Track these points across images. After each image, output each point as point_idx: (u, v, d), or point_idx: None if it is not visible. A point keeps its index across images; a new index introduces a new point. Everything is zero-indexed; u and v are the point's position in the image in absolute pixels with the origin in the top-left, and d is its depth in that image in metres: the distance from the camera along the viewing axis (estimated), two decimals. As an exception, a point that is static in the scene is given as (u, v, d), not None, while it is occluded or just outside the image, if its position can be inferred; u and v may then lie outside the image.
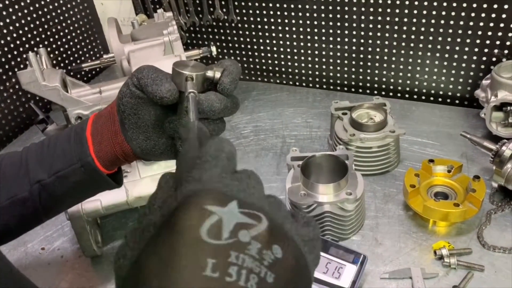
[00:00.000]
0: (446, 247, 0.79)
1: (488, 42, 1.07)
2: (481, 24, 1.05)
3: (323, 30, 1.22)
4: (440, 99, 1.19)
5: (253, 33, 1.31)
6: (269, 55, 1.33)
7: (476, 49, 1.09)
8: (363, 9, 1.14)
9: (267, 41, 1.30)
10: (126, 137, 0.56)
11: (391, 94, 1.24)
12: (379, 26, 1.15)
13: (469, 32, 1.07)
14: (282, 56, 1.31)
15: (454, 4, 1.05)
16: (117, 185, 0.61)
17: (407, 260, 0.80)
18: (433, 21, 1.09)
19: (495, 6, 1.02)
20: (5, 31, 1.19)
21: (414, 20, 1.11)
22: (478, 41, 1.08)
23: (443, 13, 1.08)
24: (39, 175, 0.57)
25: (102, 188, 0.61)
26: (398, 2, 1.10)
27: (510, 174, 0.84)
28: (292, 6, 1.22)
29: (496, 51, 1.07)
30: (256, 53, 1.35)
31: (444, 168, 0.88)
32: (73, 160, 0.56)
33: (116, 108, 0.56)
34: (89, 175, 0.57)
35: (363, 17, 1.16)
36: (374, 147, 0.94)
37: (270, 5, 1.24)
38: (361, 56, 1.22)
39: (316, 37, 1.24)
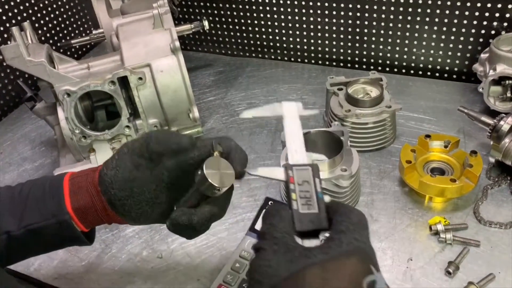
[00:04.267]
0: (441, 222, 0.78)
1: (487, 14, 1.04)
2: (480, -5, 1.02)
3: (318, 3, 1.18)
4: (437, 74, 1.17)
5: (247, 7, 1.27)
6: (263, 29, 1.30)
7: (475, 22, 1.06)
8: (359, -19, 1.11)
9: (261, 15, 1.27)
10: (118, 213, 0.55)
11: (387, 69, 1.21)
12: (375, -2, 1.12)
13: (468, 4, 1.04)
14: (276, 30, 1.28)
15: (453, -25, 1.03)
16: (89, 242, 0.60)
17: (402, 236, 0.79)
18: (431, -7, 1.07)
19: (495, -24, 0.99)
20: (-10, 6, 1.15)
21: (412, -8, 1.08)
22: (476, 14, 1.05)
23: (442, -16, 1.05)
24: (8, 226, 0.55)
25: (72, 244, 0.61)
26: (395, -26, 1.07)
27: (507, 149, 0.83)
28: (287, -22, 1.18)
29: (495, 23, 1.04)
30: (250, 28, 1.31)
31: (441, 144, 0.87)
32: (48, 215, 0.55)
33: (101, 192, 0.55)
34: (64, 231, 0.56)
35: (359, -10, 1.12)
36: (370, 123, 0.92)
37: (264, -23, 1.20)
38: (357, 30, 1.19)
39: (311, 11, 1.21)
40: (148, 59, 0.82)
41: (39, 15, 1.29)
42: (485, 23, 1.05)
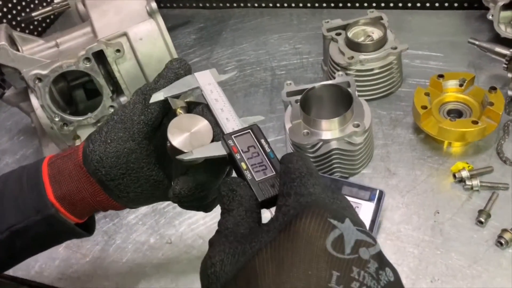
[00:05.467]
0: (465, 168, 0.73)
1: None
2: None
3: None
4: (437, 4, 1.08)
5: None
6: (242, -24, 1.18)
7: None
8: None
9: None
10: (112, 196, 0.48)
11: (382, 5, 1.11)
12: None
13: None
14: (257, -25, 1.16)
15: None
16: (88, 233, 0.53)
17: (425, 188, 0.74)
18: None
19: None
20: None
21: None
22: None
23: None
24: None
25: (69, 238, 0.54)
26: None
27: (528, 80, 0.77)
28: None
29: None
30: (227, -24, 1.19)
31: (456, 83, 0.80)
32: (30, 211, 0.47)
33: (88, 172, 0.47)
34: (54, 227, 0.48)
35: None
36: (375, 69, 0.85)
37: None
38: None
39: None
40: (123, 27, 0.72)
41: (-9, -12, 1.15)
42: None
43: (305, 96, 0.76)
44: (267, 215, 0.38)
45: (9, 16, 1.19)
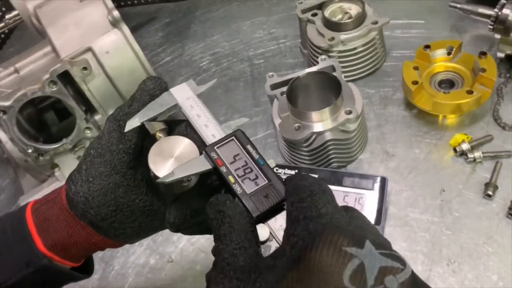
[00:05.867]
0: (465, 140, 0.71)
1: None
2: None
3: None
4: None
5: None
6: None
7: None
8: None
9: None
10: (108, 235, 0.44)
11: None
12: None
13: None
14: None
15: None
16: (87, 275, 0.49)
17: (427, 167, 0.71)
18: None
19: None
20: None
21: None
22: None
23: None
24: None
25: (67, 283, 0.49)
26: None
27: (518, 40, 0.74)
28: None
29: None
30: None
31: (443, 52, 0.77)
32: (20, 265, 0.43)
33: (76, 216, 0.43)
34: (48, 276, 0.45)
35: None
36: (358, 47, 0.80)
37: None
38: None
39: None
40: (86, 41, 0.66)
41: None
42: None
43: (290, 88, 0.71)
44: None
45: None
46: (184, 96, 0.43)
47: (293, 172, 0.71)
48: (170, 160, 0.39)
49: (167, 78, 0.98)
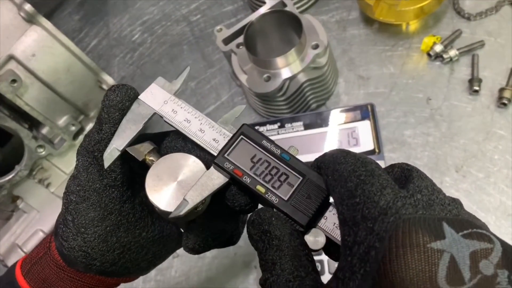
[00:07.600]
0: (436, 42, 0.68)
1: None
2: None
3: None
4: None
5: None
6: None
7: None
8: None
9: None
10: (122, 275, 0.39)
11: None
12: None
13: None
14: None
15: None
16: None
17: (405, 80, 0.69)
18: None
19: None
20: None
21: None
22: None
23: None
24: None
25: None
26: None
27: None
28: None
29: None
30: None
31: (389, -45, 0.72)
32: None
33: (80, 270, 0.37)
34: None
35: None
36: (301, -26, 0.74)
37: None
38: None
39: None
40: (3, 49, 0.55)
41: None
42: None
43: (246, 37, 0.65)
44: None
45: None
46: (159, 100, 0.34)
47: (276, 126, 0.66)
48: (173, 186, 0.32)
49: (102, 63, 0.88)
